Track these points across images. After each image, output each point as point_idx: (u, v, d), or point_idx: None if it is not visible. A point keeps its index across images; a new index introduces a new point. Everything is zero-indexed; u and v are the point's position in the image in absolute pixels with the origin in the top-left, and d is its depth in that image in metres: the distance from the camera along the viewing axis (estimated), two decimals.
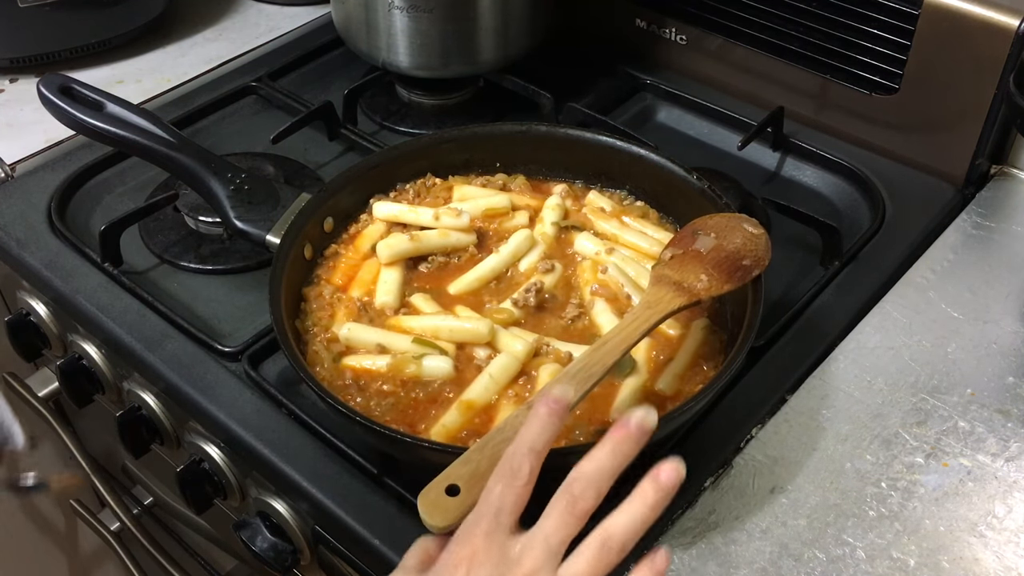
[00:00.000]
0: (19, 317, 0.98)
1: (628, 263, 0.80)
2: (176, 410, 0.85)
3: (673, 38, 1.11)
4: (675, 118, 1.08)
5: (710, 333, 0.75)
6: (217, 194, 0.81)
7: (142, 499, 1.15)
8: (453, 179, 0.88)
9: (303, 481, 0.73)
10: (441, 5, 0.98)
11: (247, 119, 1.09)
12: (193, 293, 0.88)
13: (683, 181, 0.82)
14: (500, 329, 0.74)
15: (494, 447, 0.59)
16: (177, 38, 1.20)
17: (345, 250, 0.82)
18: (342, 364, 0.73)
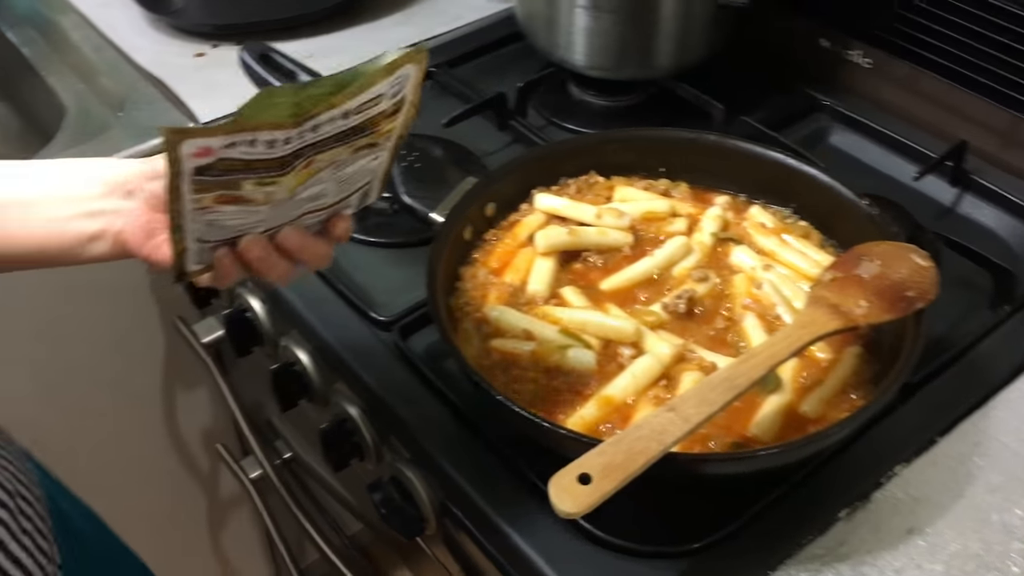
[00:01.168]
0: None
1: (784, 282, 0.79)
2: (326, 370, 0.89)
3: (858, 61, 1.08)
4: (849, 142, 1.06)
5: (863, 362, 0.73)
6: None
7: (282, 453, 1.20)
8: (615, 179, 0.88)
9: (437, 454, 0.75)
10: (624, 7, 0.99)
11: (423, 102, 1.12)
12: (354, 262, 0.92)
13: (852, 205, 0.80)
14: (647, 330, 0.74)
15: (630, 443, 0.59)
16: (368, 19, 1.25)
17: (503, 236, 0.84)
18: (489, 345, 0.75)
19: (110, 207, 0.65)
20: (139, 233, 0.64)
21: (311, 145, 0.57)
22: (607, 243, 0.82)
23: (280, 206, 0.61)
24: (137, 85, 1.14)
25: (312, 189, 0.61)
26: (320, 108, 0.56)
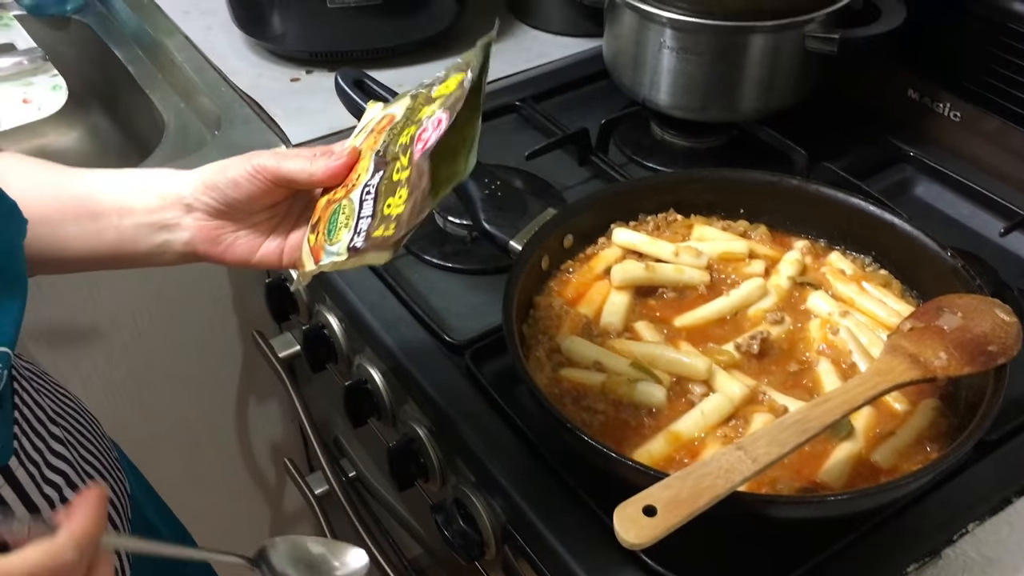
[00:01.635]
0: (277, 282, 1.08)
1: (861, 329, 0.78)
2: (397, 389, 0.91)
3: (946, 113, 1.07)
4: (934, 194, 1.04)
5: (939, 415, 0.72)
6: (472, 195, 0.86)
7: (347, 471, 1.22)
8: (695, 218, 0.89)
9: (502, 478, 0.76)
10: (711, 50, 1.00)
11: (506, 134, 1.14)
12: (431, 286, 0.94)
13: (934, 256, 0.79)
14: (718, 369, 0.74)
15: (697, 479, 0.59)
16: (457, 52, 1.28)
17: (580, 268, 0.85)
18: (560, 374, 0.75)
19: (171, 219, 0.70)
20: (206, 242, 0.70)
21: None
22: (683, 281, 0.83)
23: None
24: (234, 106, 1.19)
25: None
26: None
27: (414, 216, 0.60)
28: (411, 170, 0.61)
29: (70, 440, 0.70)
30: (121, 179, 0.72)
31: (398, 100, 0.69)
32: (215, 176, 0.69)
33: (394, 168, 0.63)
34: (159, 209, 0.70)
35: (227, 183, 0.68)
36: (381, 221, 0.61)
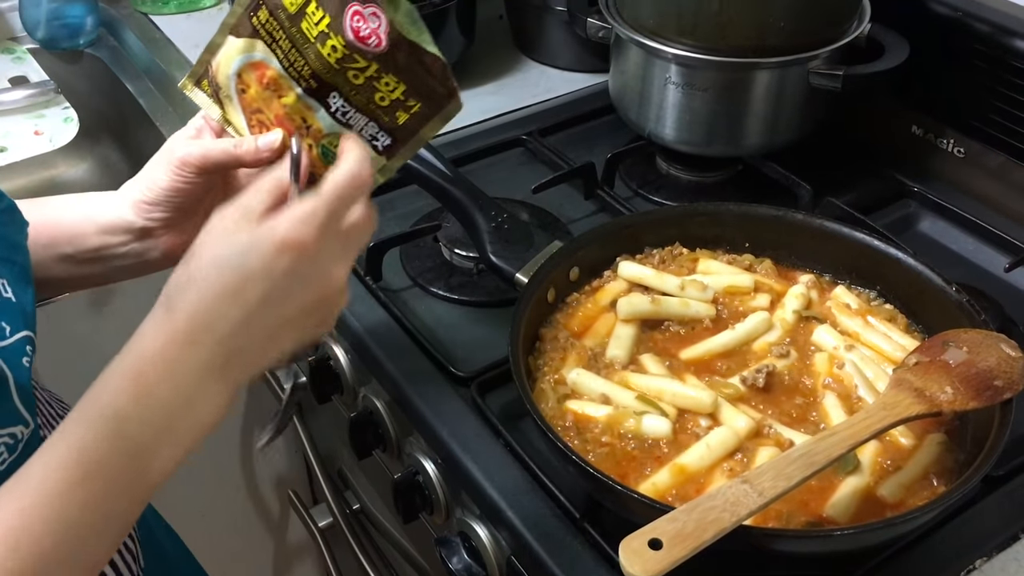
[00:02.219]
0: None
1: (867, 363, 0.78)
2: (403, 421, 0.91)
3: (950, 149, 1.07)
4: (939, 230, 1.05)
5: (945, 450, 0.72)
6: (479, 228, 0.87)
7: (351, 504, 1.22)
8: (700, 251, 0.89)
9: (507, 510, 0.76)
10: (716, 86, 1.01)
11: (512, 168, 1.15)
12: (437, 317, 0.94)
13: (940, 291, 0.80)
14: (724, 402, 0.74)
15: (702, 512, 0.59)
16: (463, 87, 1.27)
17: (585, 300, 0.85)
18: (565, 406, 0.75)
19: (132, 250, 0.73)
20: (181, 246, 0.69)
21: None
22: (689, 314, 0.83)
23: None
24: None
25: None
26: None
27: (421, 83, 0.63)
28: (377, 59, 0.61)
29: None
30: (67, 209, 0.74)
31: (219, 57, 0.66)
32: (144, 193, 0.70)
33: (349, 75, 0.62)
34: (114, 243, 0.72)
35: (161, 194, 0.69)
36: (390, 110, 0.63)
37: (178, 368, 0.54)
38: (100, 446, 0.52)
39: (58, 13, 1.39)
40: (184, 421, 0.55)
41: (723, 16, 0.97)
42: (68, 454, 0.52)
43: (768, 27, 0.97)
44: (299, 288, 0.56)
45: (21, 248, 0.66)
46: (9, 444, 0.59)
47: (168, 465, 0.55)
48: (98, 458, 0.52)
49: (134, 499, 0.55)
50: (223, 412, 0.57)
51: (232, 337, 0.55)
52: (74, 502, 0.51)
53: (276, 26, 0.63)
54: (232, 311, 0.55)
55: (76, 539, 0.52)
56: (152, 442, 0.54)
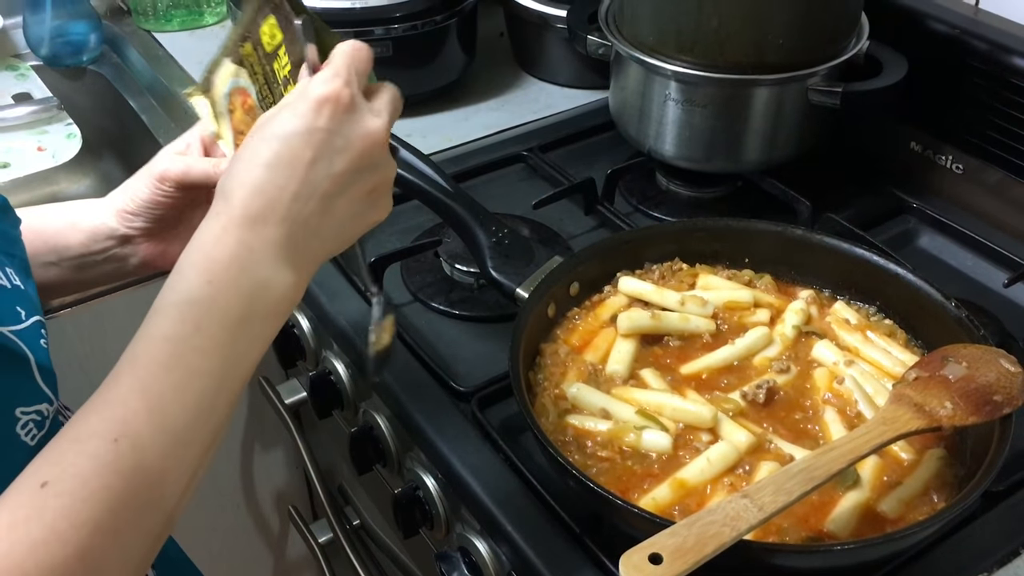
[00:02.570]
0: (284, 328, 1.08)
1: (867, 378, 0.78)
2: (403, 436, 0.91)
3: (949, 166, 1.08)
4: (938, 246, 1.05)
5: (945, 465, 0.72)
6: (480, 243, 0.87)
7: (351, 520, 1.22)
8: (700, 267, 0.89)
9: (507, 525, 0.76)
10: (716, 103, 1.02)
11: (513, 184, 1.16)
12: (437, 333, 0.95)
13: (939, 306, 0.80)
14: (724, 417, 0.74)
15: (703, 526, 0.59)
16: (464, 104, 1.31)
17: (586, 316, 0.85)
18: (565, 421, 0.76)
19: (111, 254, 0.75)
20: (157, 256, 0.76)
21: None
22: (689, 329, 0.83)
23: None
24: None
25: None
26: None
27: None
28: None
29: None
30: (51, 217, 0.76)
31: (217, 75, 0.69)
32: (127, 203, 0.74)
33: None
34: (96, 250, 0.75)
35: (141, 205, 0.73)
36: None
37: (245, 252, 0.56)
38: (184, 331, 0.54)
39: (62, 31, 1.40)
40: (260, 305, 0.56)
41: (722, 33, 0.97)
42: (157, 345, 0.54)
43: (767, 44, 0.98)
44: (342, 142, 0.58)
45: (18, 242, 0.68)
46: (37, 421, 0.60)
47: (253, 352, 0.57)
48: (184, 347, 0.53)
49: (224, 390, 0.55)
50: (296, 297, 0.58)
51: (292, 204, 0.56)
52: (167, 384, 0.53)
53: (256, 60, 0.66)
54: (285, 178, 0.56)
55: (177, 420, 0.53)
56: (232, 332, 0.55)
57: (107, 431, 0.51)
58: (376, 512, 1.17)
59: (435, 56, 1.26)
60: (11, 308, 0.62)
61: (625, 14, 1.06)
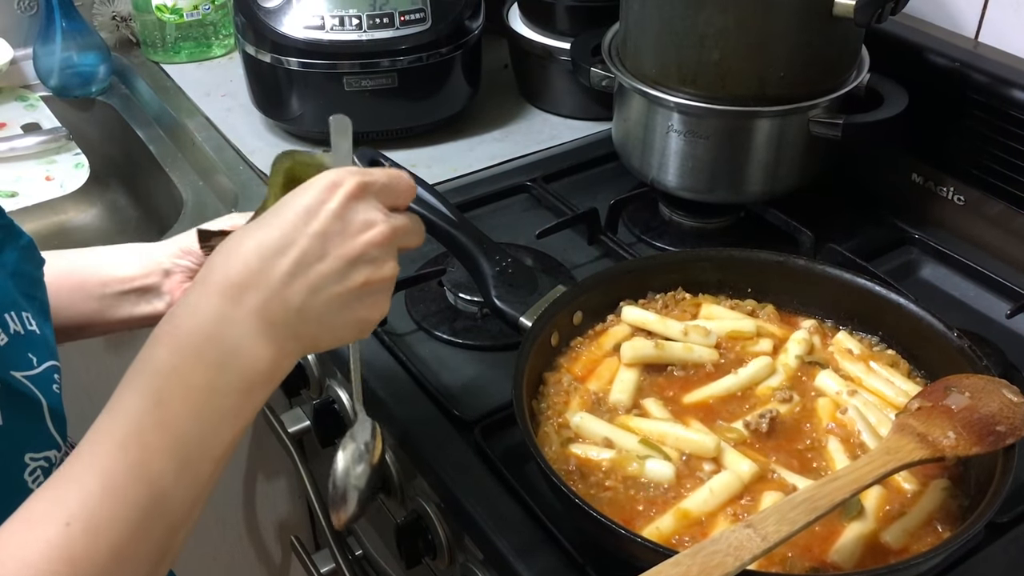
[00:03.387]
0: None
1: (870, 408, 0.78)
2: (406, 464, 0.91)
3: (950, 197, 1.08)
4: (940, 276, 1.05)
5: (949, 496, 0.72)
6: (484, 272, 0.88)
7: (354, 550, 1.21)
8: (703, 297, 0.90)
9: (510, 555, 0.75)
10: (718, 134, 1.03)
11: (517, 214, 1.17)
12: (441, 361, 0.95)
13: (942, 337, 0.80)
14: (727, 447, 0.74)
15: (706, 556, 0.59)
16: (468, 135, 1.32)
17: (589, 344, 0.86)
18: (568, 450, 0.76)
19: (151, 284, 0.76)
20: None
21: None
22: (692, 359, 0.83)
23: None
24: (251, 184, 1.22)
25: None
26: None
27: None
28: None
29: None
30: (100, 253, 0.78)
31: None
32: (192, 242, 0.75)
33: None
34: (139, 277, 0.75)
35: (194, 249, 0.75)
36: None
37: (215, 320, 0.54)
38: (143, 405, 0.52)
39: (71, 62, 1.42)
40: (230, 376, 0.53)
41: (724, 66, 0.99)
42: (118, 419, 0.52)
43: (768, 77, 0.99)
44: (342, 226, 0.57)
45: (40, 284, 0.68)
46: (44, 468, 0.60)
47: (223, 430, 0.54)
48: (143, 423, 0.51)
49: (187, 471, 0.53)
50: (273, 375, 0.56)
51: (278, 277, 0.55)
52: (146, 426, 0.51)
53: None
54: (275, 250, 0.55)
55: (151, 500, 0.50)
56: (196, 406, 0.53)
57: (59, 514, 0.48)
58: (379, 542, 1.16)
59: (440, 87, 1.27)
60: (24, 354, 0.61)
61: (628, 47, 1.07)
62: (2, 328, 0.60)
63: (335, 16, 1.20)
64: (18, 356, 0.61)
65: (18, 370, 0.60)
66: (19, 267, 0.66)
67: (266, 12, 1.21)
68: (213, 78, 1.45)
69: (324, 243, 0.56)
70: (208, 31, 1.48)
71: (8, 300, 0.62)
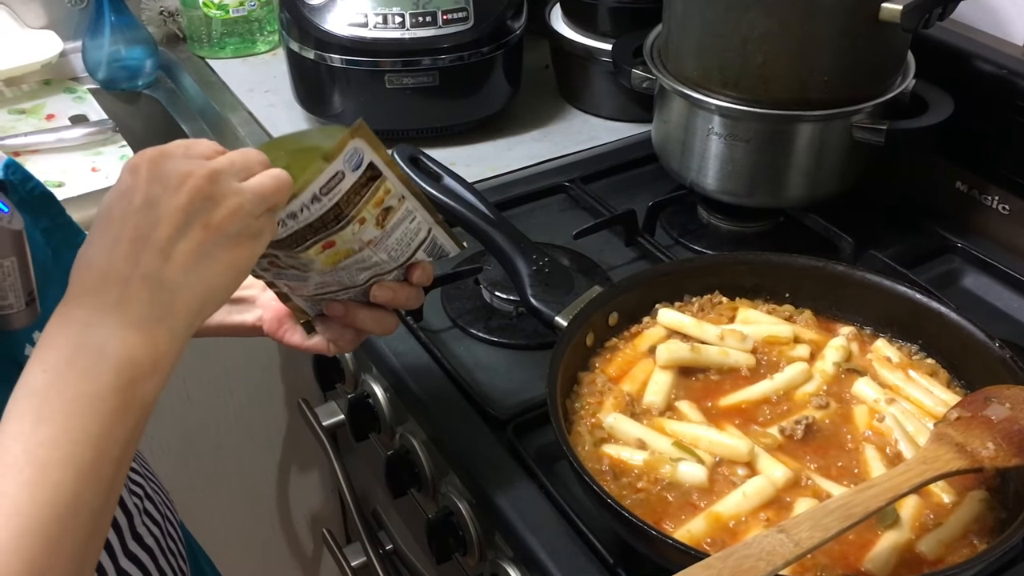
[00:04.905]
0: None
1: (908, 417, 0.78)
2: (439, 461, 0.91)
3: (994, 206, 1.07)
4: (983, 286, 1.04)
5: (987, 508, 0.71)
6: (520, 271, 0.88)
7: (384, 544, 1.22)
8: (740, 301, 0.89)
9: (540, 552, 0.76)
10: (759, 138, 1.02)
11: (554, 214, 1.17)
12: (475, 359, 0.95)
13: (983, 347, 0.79)
14: (761, 451, 0.74)
15: (737, 560, 0.59)
16: (508, 134, 1.32)
17: (624, 346, 0.85)
18: (601, 450, 0.76)
19: (249, 296, 0.77)
20: (272, 322, 0.77)
21: (306, 228, 0.64)
22: (728, 363, 0.83)
23: (335, 274, 0.69)
24: None
25: (363, 264, 0.69)
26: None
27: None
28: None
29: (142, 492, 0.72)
30: None
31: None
32: None
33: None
34: (244, 287, 0.76)
35: None
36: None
37: (78, 327, 0.52)
38: (24, 426, 0.50)
39: (119, 56, 1.44)
40: (106, 377, 0.52)
41: (766, 70, 0.98)
42: (5, 444, 0.50)
43: (812, 81, 0.98)
44: (159, 188, 0.55)
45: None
46: None
47: (118, 429, 0.52)
48: (30, 442, 0.50)
49: (89, 476, 0.51)
50: (158, 358, 0.54)
51: (123, 265, 0.53)
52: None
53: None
54: (110, 243, 0.54)
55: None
56: (79, 415, 0.51)
57: None
58: (409, 537, 1.17)
59: (481, 87, 1.28)
60: None
61: (670, 49, 1.07)
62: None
63: (378, 14, 1.21)
64: None
65: None
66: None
67: (311, 9, 1.22)
68: (257, 74, 1.46)
69: (150, 210, 0.54)
70: (253, 27, 1.50)
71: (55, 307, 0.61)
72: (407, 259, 0.72)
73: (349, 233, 0.66)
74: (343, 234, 0.66)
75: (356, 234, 0.66)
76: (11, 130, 1.36)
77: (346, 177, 0.63)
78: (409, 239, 0.71)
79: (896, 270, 0.98)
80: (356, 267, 0.69)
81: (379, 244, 0.68)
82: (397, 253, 0.71)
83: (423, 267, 0.74)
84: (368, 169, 0.65)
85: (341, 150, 0.62)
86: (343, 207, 0.64)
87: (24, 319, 0.57)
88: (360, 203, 0.65)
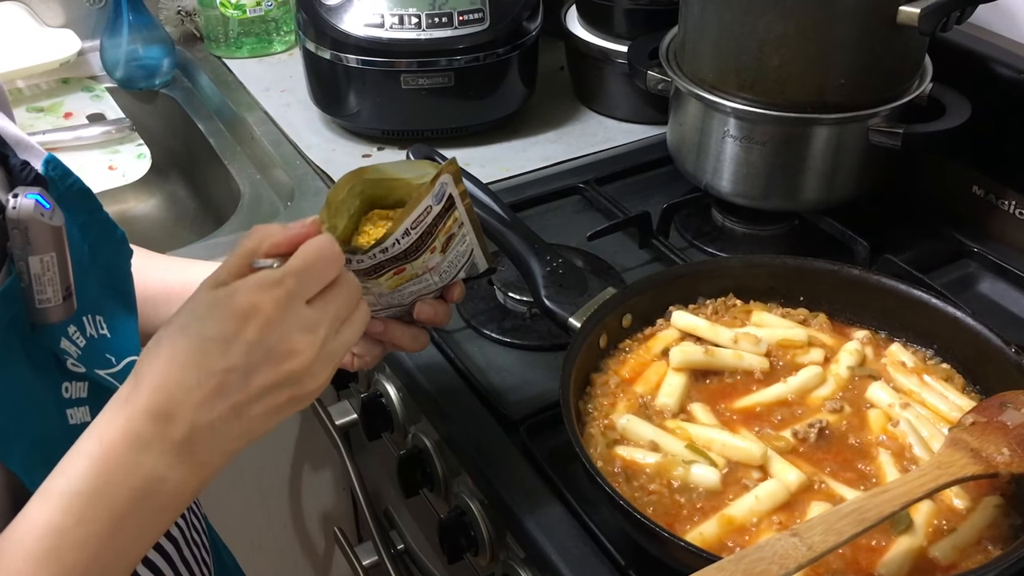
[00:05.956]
0: None
1: (922, 422, 0.77)
2: (451, 461, 0.91)
3: (1011, 210, 1.06)
4: (999, 291, 1.03)
5: (1001, 514, 0.70)
6: (534, 272, 0.88)
7: (396, 544, 1.22)
8: (754, 303, 0.89)
9: (552, 554, 0.76)
10: (775, 140, 1.02)
11: (568, 216, 1.17)
12: (489, 360, 0.95)
13: (999, 352, 0.79)
14: (774, 455, 0.74)
15: (750, 563, 0.59)
16: (522, 135, 1.32)
17: (637, 348, 0.85)
18: (614, 452, 0.76)
19: None
20: None
21: (390, 259, 0.65)
22: (742, 367, 0.83)
23: (390, 296, 0.70)
24: (306, 178, 1.23)
25: (417, 285, 0.71)
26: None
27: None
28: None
29: None
30: (209, 266, 0.77)
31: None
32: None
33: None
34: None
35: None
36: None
37: (141, 447, 0.54)
38: (65, 523, 0.52)
39: (136, 55, 1.45)
40: (151, 501, 0.54)
41: (783, 72, 0.98)
42: (36, 534, 0.52)
43: (828, 84, 0.98)
44: (262, 356, 0.55)
45: (128, 278, 0.69)
46: None
47: (139, 544, 0.56)
48: (64, 540, 0.52)
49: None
50: (192, 495, 0.56)
51: (199, 408, 0.54)
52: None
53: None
54: (195, 382, 0.54)
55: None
56: (116, 527, 0.53)
57: None
58: (421, 537, 1.17)
59: (496, 88, 1.28)
60: (102, 355, 0.62)
61: (686, 51, 1.07)
62: (80, 331, 0.61)
63: (395, 15, 1.21)
64: (98, 357, 0.62)
65: (101, 368, 0.62)
66: (111, 261, 0.67)
67: (327, 10, 1.23)
68: (273, 74, 1.47)
69: (243, 378, 0.55)
70: (270, 27, 1.51)
71: (90, 301, 0.62)
72: (452, 279, 0.74)
73: (421, 261, 0.68)
74: (416, 262, 0.67)
75: (425, 261, 0.68)
76: (29, 128, 1.37)
77: (432, 210, 0.65)
78: (459, 261, 0.73)
79: (912, 274, 0.98)
80: (409, 288, 0.71)
81: (437, 268, 0.70)
82: (447, 275, 0.73)
83: (460, 285, 0.75)
84: (447, 200, 0.67)
85: (434, 185, 0.64)
86: (425, 238, 0.66)
87: (61, 313, 0.58)
88: (436, 233, 0.67)
